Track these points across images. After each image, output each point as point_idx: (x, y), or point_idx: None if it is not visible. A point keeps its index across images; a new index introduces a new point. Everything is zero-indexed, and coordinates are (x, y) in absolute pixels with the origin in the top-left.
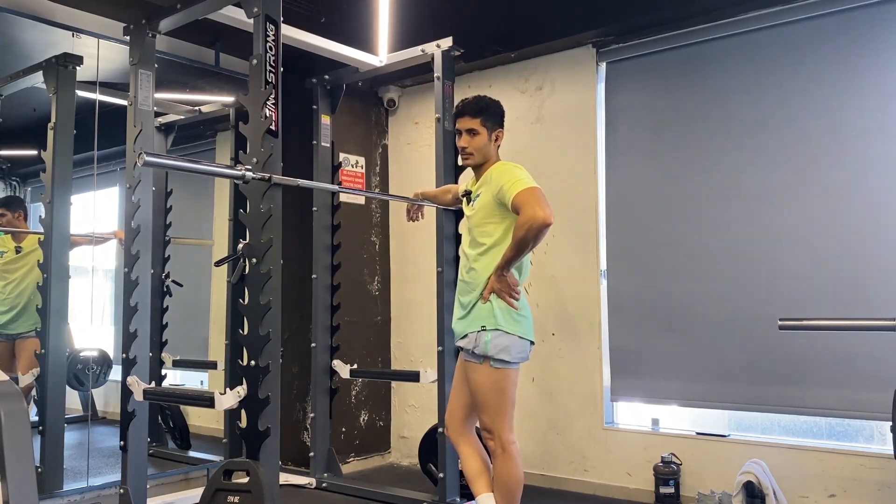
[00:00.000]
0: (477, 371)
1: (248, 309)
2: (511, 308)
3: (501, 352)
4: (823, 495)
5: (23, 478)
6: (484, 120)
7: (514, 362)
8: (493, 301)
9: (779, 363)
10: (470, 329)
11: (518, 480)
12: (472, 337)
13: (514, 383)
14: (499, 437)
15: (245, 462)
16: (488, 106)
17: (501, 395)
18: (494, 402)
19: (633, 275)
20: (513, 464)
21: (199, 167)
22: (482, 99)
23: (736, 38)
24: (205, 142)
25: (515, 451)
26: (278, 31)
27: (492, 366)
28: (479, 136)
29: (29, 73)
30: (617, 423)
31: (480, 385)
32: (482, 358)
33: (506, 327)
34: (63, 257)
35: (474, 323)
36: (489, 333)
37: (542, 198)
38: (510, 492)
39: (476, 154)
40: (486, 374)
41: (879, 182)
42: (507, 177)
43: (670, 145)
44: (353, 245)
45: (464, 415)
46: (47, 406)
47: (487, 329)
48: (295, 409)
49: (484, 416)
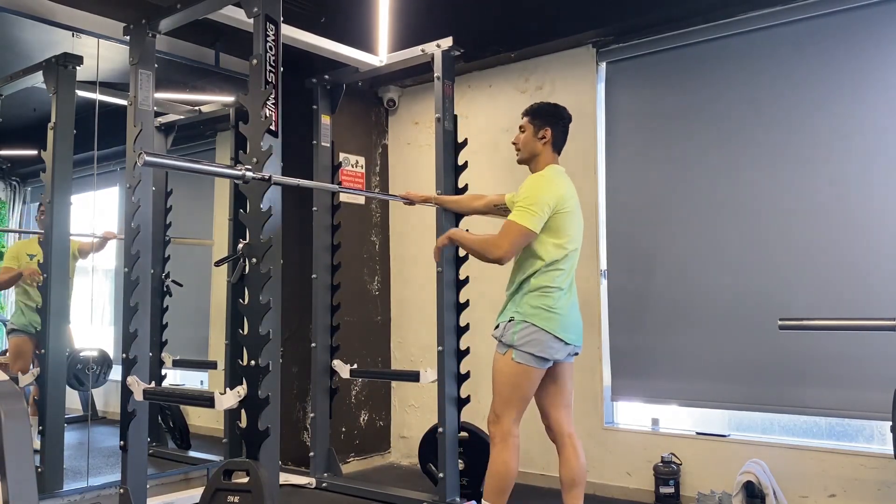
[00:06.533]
0: (500, 359)
1: (248, 309)
2: (545, 305)
3: (526, 344)
4: (823, 495)
5: (23, 478)
6: (532, 118)
7: (540, 357)
8: (530, 298)
9: (779, 363)
10: (501, 319)
11: (511, 473)
12: (501, 326)
13: (531, 380)
14: (502, 426)
15: (245, 462)
16: (540, 107)
17: (515, 388)
18: (506, 392)
19: (633, 274)
20: (509, 455)
21: (199, 167)
22: (540, 103)
23: (736, 38)
24: (205, 142)
25: (514, 443)
26: (278, 31)
27: (514, 359)
28: (525, 132)
29: (29, 73)
30: (617, 423)
31: (499, 372)
32: (506, 347)
33: (535, 321)
34: (63, 257)
35: (506, 313)
36: (518, 325)
37: (514, 237)
38: (500, 481)
39: (522, 149)
40: (507, 364)
41: (879, 182)
42: (522, 193)
43: (670, 145)
44: (353, 245)
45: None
46: (47, 406)
47: (517, 320)
48: (295, 409)
49: (495, 400)
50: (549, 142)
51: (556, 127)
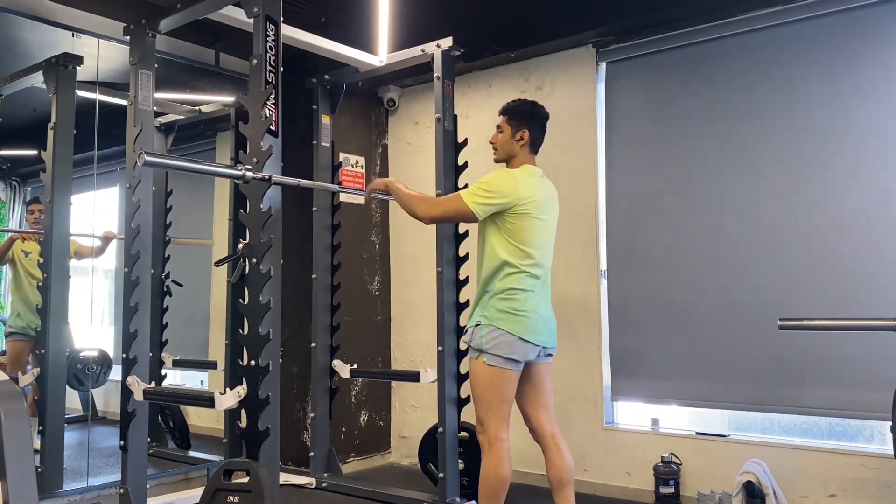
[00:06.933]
0: (473, 365)
1: (248, 309)
2: (511, 308)
3: (495, 346)
4: (823, 495)
5: (23, 478)
6: (509, 119)
7: (510, 359)
8: (496, 301)
9: (779, 363)
10: (469, 324)
11: (501, 478)
12: (470, 331)
13: (508, 381)
14: (487, 432)
15: (245, 462)
16: (517, 106)
17: (493, 390)
18: (486, 397)
19: (633, 275)
20: (497, 461)
21: (199, 167)
22: (516, 101)
23: (736, 37)
24: (205, 142)
25: (501, 448)
26: (278, 31)
27: (486, 362)
28: (503, 133)
29: (29, 73)
30: (617, 422)
31: (475, 378)
32: (477, 352)
33: (501, 325)
34: (63, 257)
35: (473, 318)
36: (485, 328)
37: (450, 208)
38: (491, 487)
39: (500, 149)
40: (481, 368)
41: (880, 181)
42: (484, 178)
43: (670, 145)
44: (353, 245)
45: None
46: (47, 406)
47: (482, 324)
48: (295, 409)
49: (477, 407)
50: (527, 143)
51: (533, 128)
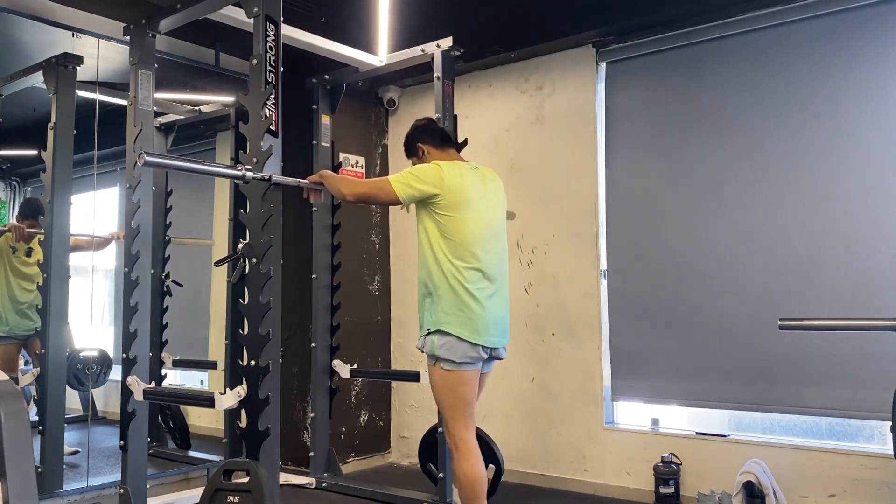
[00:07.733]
0: (431, 371)
1: (248, 309)
2: (457, 309)
3: (447, 352)
4: (823, 495)
5: (23, 478)
6: (409, 155)
7: (463, 363)
8: (440, 303)
9: (779, 363)
10: (420, 332)
11: (474, 477)
12: (421, 339)
13: (467, 383)
14: (452, 435)
15: (245, 462)
16: (405, 143)
17: (453, 394)
18: (448, 401)
19: (633, 275)
20: (465, 461)
21: (199, 167)
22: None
23: (736, 37)
24: (205, 142)
25: (468, 449)
26: (278, 31)
27: (442, 367)
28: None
29: (29, 73)
30: (617, 422)
31: (434, 384)
32: (433, 359)
33: (448, 328)
34: (63, 257)
35: (424, 326)
36: (434, 335)
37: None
38: (465, 489)
39: None
40: (439, 374)
41: (879, 182)
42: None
43: (670, 145)
44: (353, 245)
45: None
46: (47, 406)
47: (431, 331)
48: (295, 409)
49: (441, 413)
50: (430, 150)
51: (423, 137)
